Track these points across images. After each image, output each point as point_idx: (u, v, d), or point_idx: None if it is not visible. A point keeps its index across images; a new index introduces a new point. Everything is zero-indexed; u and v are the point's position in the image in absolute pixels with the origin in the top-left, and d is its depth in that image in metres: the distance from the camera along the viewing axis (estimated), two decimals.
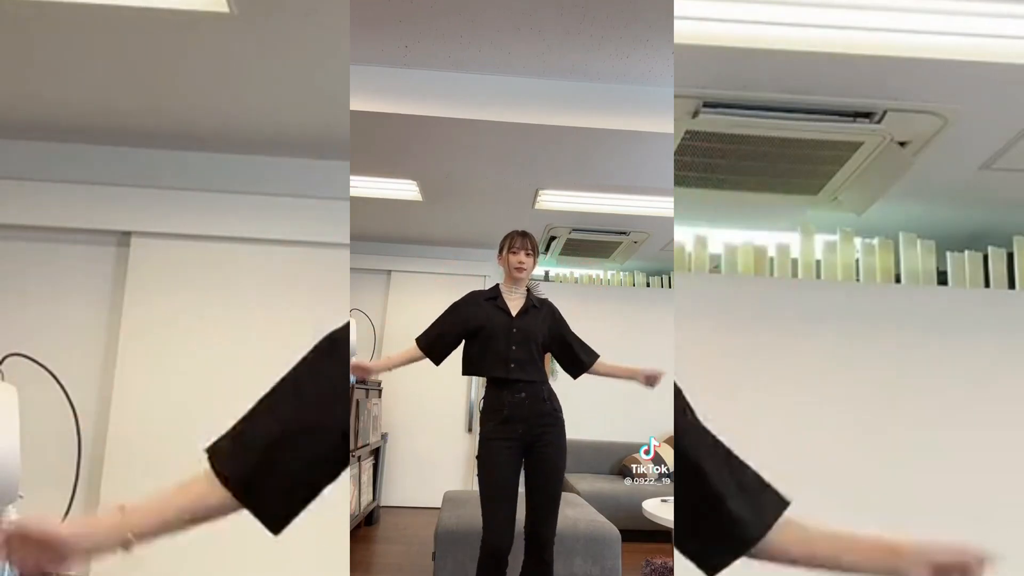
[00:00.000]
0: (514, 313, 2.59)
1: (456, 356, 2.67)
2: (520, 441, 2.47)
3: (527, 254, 2.61)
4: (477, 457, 2.53)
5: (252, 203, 3.25)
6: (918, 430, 2.54)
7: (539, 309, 2.65)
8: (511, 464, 2.46)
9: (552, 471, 2.49)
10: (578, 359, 2.67)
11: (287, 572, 2.96)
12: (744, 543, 0.98)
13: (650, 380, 2.58)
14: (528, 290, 2.67)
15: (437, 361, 2.61)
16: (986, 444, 2.52)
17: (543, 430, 2.49)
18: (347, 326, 1.08)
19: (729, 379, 2.51)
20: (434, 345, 2.60)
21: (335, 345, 1.04)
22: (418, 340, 2.62)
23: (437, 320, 2.65)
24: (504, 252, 2.65)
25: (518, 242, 2.61)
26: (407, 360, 2.60)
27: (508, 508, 2.40)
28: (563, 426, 2.54)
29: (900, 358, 2.58)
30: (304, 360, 1.02)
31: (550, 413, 2.52)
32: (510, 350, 2.53)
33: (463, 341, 2.63)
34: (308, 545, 2.94)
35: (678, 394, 1.06)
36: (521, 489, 2.53)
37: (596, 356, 2.69)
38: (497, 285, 2.69)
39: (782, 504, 1.02)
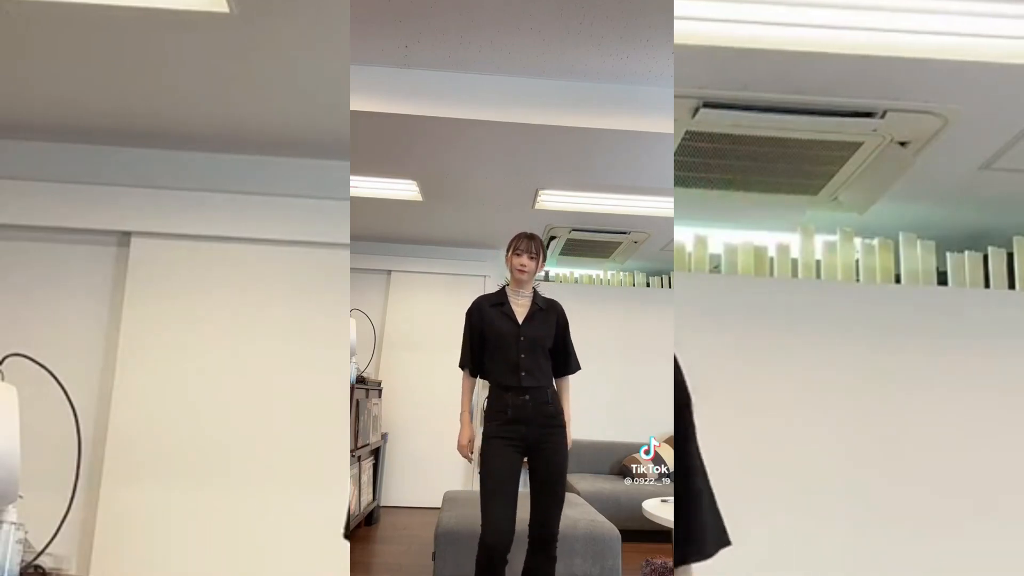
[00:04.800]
0: (520, 319, 2.59)
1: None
2: (523, 442, 2.48)
3: (530, 257, 2.60)
4: (480, 454, 2.55)
5: (252, 203, 3.25)
6: (918, 430, 2.54)
7: (545, 311, 2.64)
8: (512, 463, 2.46)
9: (556, 472, 2.49)
10: (560, 366, 2.66)
11: (287, 572, 2.96)
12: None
13: None
14: (534, 291, 2.67)
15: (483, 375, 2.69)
16: (986, 443, 2.52)
17: (546, 432, 2.50)
18: None
19: (729, 379, 2.51)
20: (471, 366, 2.68)
21: None
22: (461, 366, 2.71)
23: (463, 343, 2.70)
24: (508, 254, 2.65)
25: (522, 244, 2.61)
26: (470, 391, 2.69)
27: (507, 506, 2.39)
28: (564, 428, 2.55)
29: (900, 358, 2.58)
30: None
31: (553, 415, 2.52)
32: (519, 358, 2.53)
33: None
34: (308, 545, 2.94)
35: (679, 386, 1.08)
36: (525, 489, 2.54)
37: (575, 370, 2.69)
38: (504, 289, 2.68)
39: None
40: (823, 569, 2.43)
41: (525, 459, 2.54)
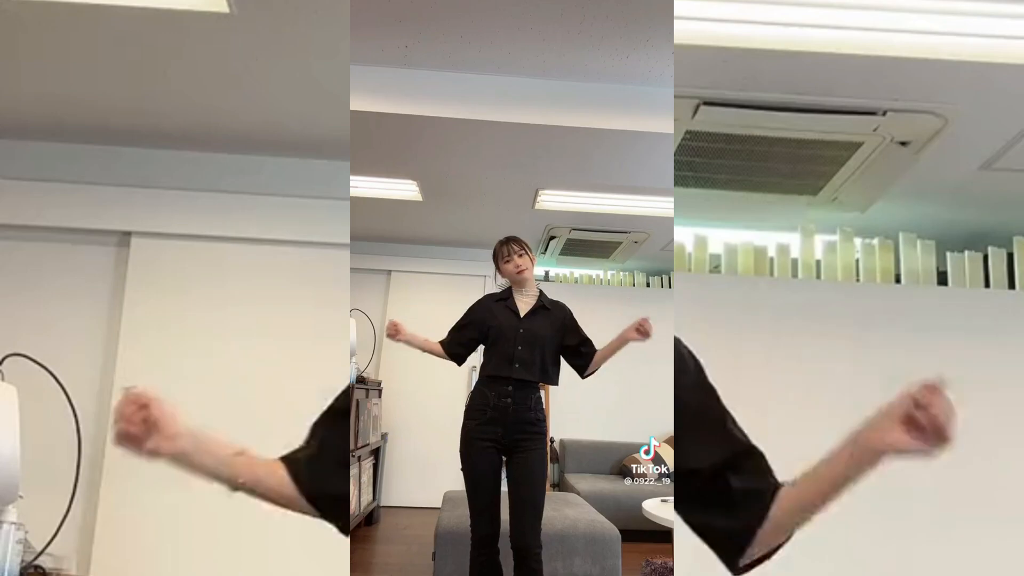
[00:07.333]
0: (523, 314, 2.61)
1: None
2: (499, 443, 2.50)
3: (520, 255, 2.62)
4: (460, 453, 2.55)
5: (252, 203, 3.25)
6: None
7: (550, 311, 2.64)
8: (491, 462, 2.50)
9: (531, 479, 2.47)
10: (579, 355, 2.66)
11: (287, 572, 2.96)
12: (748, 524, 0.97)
13: (641, 330, 2.52)
14: (540, 292, 2.68)
15: (457, 361, 2.67)
16: (985, 444, 2.52)
17: (522, 438, 2.49)
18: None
19: (729, 379, 2.50)
20: (451, 345, 2.66)
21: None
22: (441, 343, 2.68)
23: (456, 323, 2.70)
24: (500, 265, 2.67)
25: (505, 250, 2.63)
26: (432, 350, 2.65)
27: (490, 500, 2.49)
28: (544, 436, 2.54)
29: (900, 358, 2.58)
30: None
31: (532, 423, 2.51)
32: (516, 350, 2.54)
33: (481, 344, 2.67)
34: (308, 545, 2.94)
35: (682, 359, 1.06)
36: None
37: (594, 350, 2.67)
38: (509, 287, 2.70)
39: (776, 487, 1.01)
40: (822, 568, 2.43)
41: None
